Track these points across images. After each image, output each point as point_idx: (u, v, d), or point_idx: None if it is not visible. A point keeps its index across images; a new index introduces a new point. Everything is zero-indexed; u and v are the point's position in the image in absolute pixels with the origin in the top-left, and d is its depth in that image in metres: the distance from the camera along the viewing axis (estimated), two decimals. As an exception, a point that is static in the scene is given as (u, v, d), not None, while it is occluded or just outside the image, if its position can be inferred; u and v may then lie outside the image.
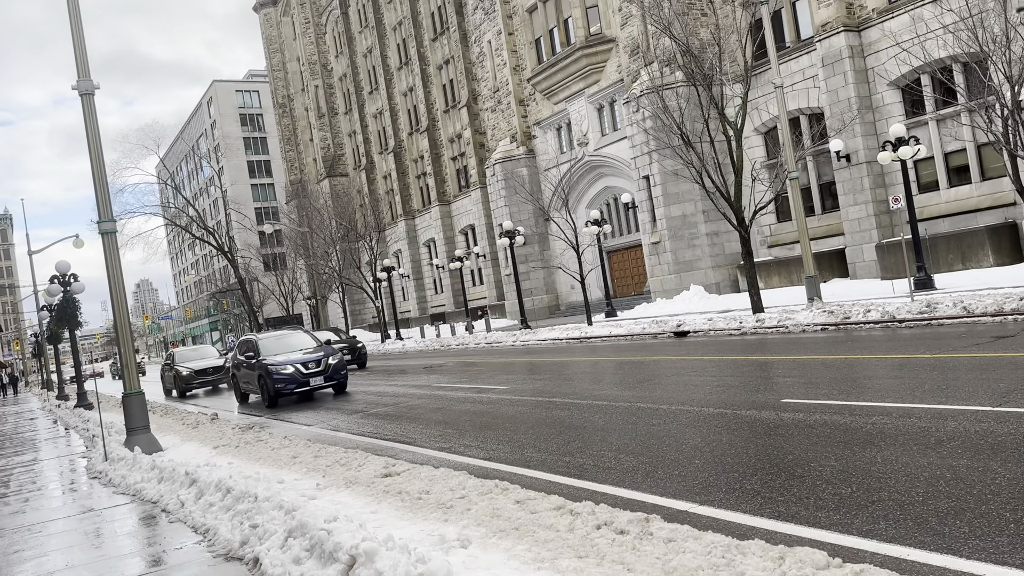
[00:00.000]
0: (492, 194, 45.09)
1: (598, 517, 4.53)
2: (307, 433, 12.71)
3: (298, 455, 8.70)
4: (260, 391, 18.27)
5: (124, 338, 11.75)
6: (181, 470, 8.42)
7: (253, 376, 18.40)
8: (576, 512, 4.67)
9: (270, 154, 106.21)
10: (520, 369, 19.05)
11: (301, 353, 18.24)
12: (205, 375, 26.52)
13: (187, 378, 26.08)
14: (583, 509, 4.69)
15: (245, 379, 19.37)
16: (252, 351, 18.75)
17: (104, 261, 11.79)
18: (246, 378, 19.23)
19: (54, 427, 20.47)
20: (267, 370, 17.60)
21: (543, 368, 18.30)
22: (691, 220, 32.60)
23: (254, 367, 18.23)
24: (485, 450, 8.84)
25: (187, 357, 28.22)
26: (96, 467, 11.04)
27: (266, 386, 17.70)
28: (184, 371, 26.35)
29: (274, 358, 17.99)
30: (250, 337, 20.07)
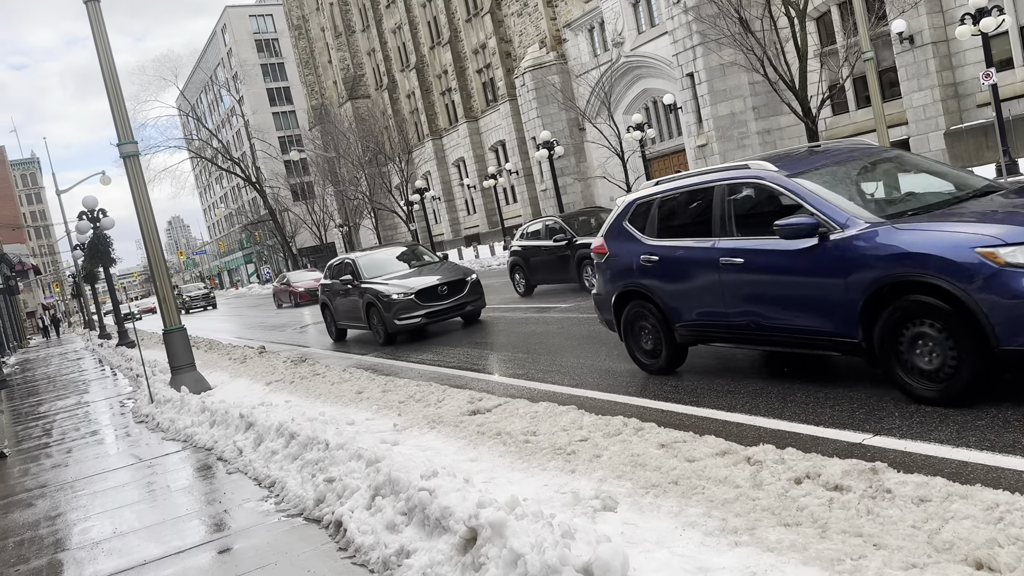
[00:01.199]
0: (523, 106, 43.12)
1: (792, 466, 3.42)
2: (361, 363, 11.80)
3: (363, 390, 7.72)
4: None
5: (159, 270, 10.78)
6: (235, 412, 7.49)
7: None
8: (756, 459, 3.57)
9: (289, 80, 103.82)
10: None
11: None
12: None
13: None
14: (764, 455, 3.58)
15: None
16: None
17: (129, 188, 10.72)
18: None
19: (97, 367, 19.97)
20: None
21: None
22: (740, 118, 30.62)
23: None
24: (570, 376, 7.77)
25: None
26: (142, 410, 10.25)
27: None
28: None
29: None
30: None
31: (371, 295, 13.44)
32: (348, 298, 14.40)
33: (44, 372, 22.01)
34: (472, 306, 13.72)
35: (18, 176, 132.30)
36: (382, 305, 13.09)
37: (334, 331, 15.69)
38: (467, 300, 13.53)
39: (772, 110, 30.89)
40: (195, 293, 51.28)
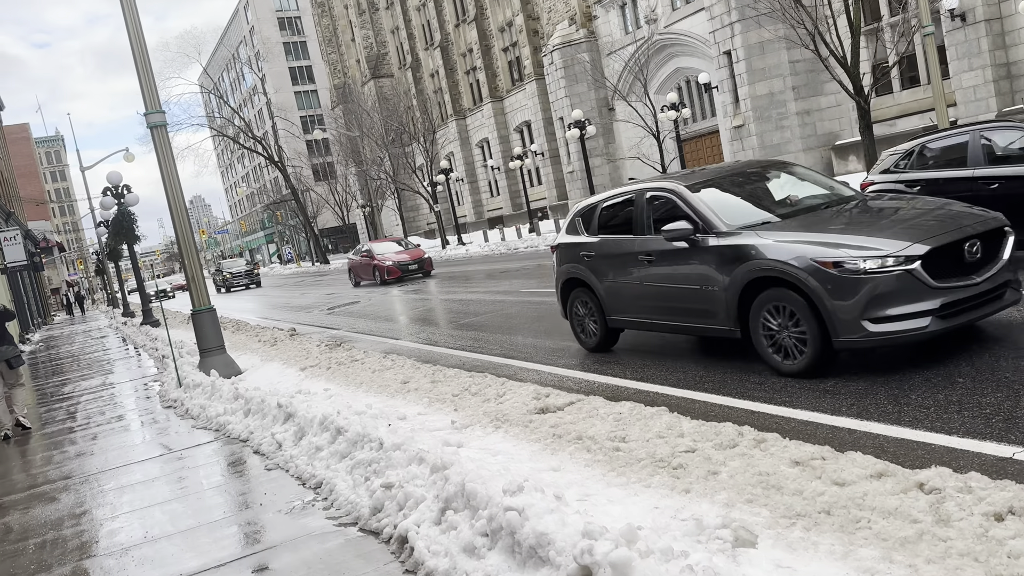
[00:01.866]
0: (551, 84, 42.21)
1: (984, 497, 2.75)
2: (399, 348, 11.23)
3: (409, 379, 7.12)
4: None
5: (187, 247, 10.22)
6: (272, 401, 6.93)
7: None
8: (932, 486, 2.90)
9: (311, 59, 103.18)
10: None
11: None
12: None
13: None
14: (942, 481, 2.91)
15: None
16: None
17: (156, 160, 10.15)
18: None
19: (122, 346, 19.60)
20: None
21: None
22: (779, 99, 29.63)
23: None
24: (633, 369, 7.12)
25: None
26: (170, 395, 9.73)
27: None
28: None
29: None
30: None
31: (765, 266, 5.69)
32: (667, 269, 6.60)
33: (68, 350, 21.70)
34: None
35: (43, 154, 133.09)
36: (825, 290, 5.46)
37: (595, 331, 7.87)
38: None
39: (813, 90, 29.89)
40: (237, 269, 46.18)
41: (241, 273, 45.69)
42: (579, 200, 42.70)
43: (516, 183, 55.79)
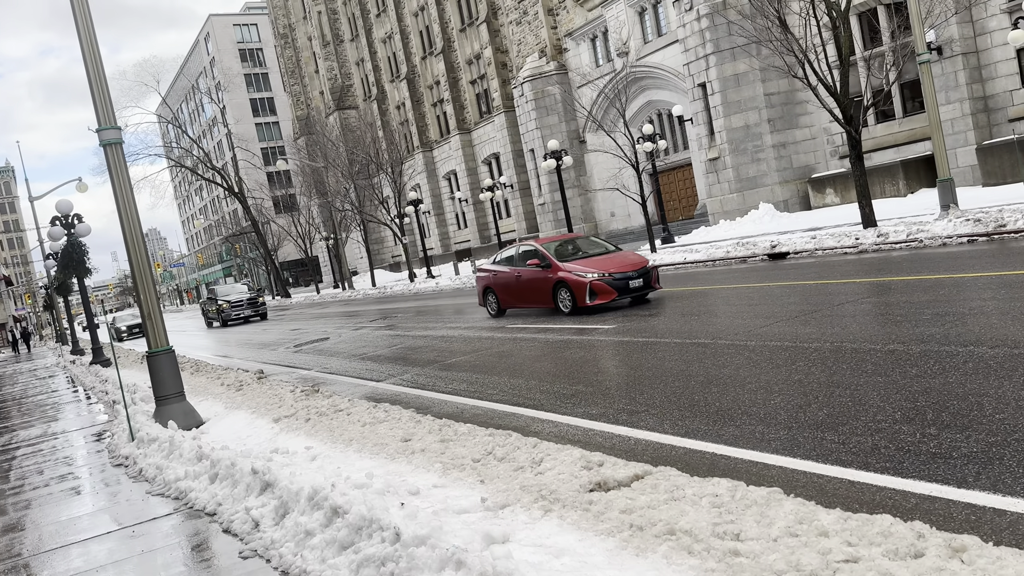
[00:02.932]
0: (521, 116, 41.67)
1: None
2: (381, 392, 10.08)
3: (412, 436, 5.99)
4: None
5: (143, 278, 8.99)
6: (244, 465, 5.75)
7: None
8: None
9: (273, 91, 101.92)
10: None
11: None
12: None
13: None
14: None
15: None
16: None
17: (111, 181, 8.96)
18: None
19: (69, 388, 18.01)
20: None
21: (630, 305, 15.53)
22: (755, 131, 29.33)
23: None
24: (673, 423, 6.13)
25: None
26: (121, 450, 8.43)
27: None
28: None
29: None
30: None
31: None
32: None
33: (9, 392, 19.97)
34: None
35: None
36: None
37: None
38: None
39: (788, 123, 29.69)
40: (236, 297, 34.98)
41: (242, 302, 34.83)
42: (550, 232, 41.99)
43: (484, 215, 54.98)
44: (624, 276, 13.89)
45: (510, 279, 15.83)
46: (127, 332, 40.61)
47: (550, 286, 14.58)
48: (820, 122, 29.70)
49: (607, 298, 13.74)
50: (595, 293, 13.71)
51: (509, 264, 16.07)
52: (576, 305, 14.00)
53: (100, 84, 9.02)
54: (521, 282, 15.46)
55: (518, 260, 15.79)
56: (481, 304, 17.27)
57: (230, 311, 34.76)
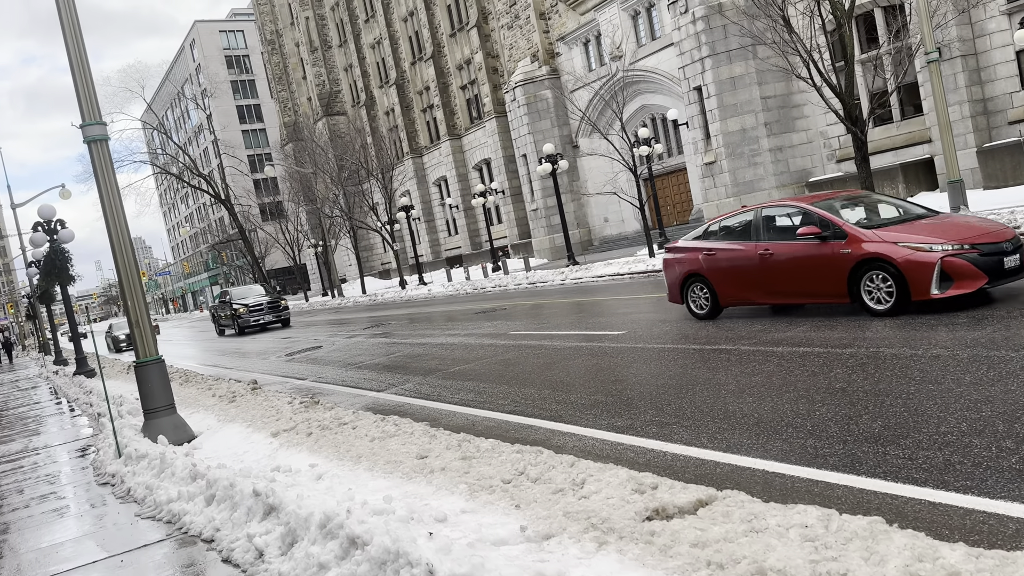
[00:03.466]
0: (513, 121, 41.25)
1: None
2: (383, 403, 9.56)
3: (428, 453, 5.47)
4: None
5: (131, 283, 8.43)
6: (245, 487, 5.21)
7: None
8: None
9: (259, 98, 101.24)
10: (604, 311, 15.87)
11: None
12: None
13: None
14: None
15: None
16: None
17: (96, 181, 8.41)
18: None
19: (51, 400, 17.33)
20: None
21: (638, 309, 15.08)
22: (752, 135, 29.02)
23: None
24: (711, 436, 5.66)
25: None
26: (107, 467, 7.86)
27: None
28: None
29: None
30: None
31: None
32: None
33: (-12, 404, 19.24)
34: None
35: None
36: None
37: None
38: None
39: (785, 126, 29.39)
40: (254, 301, 30.31)
41: (261, 306, 29.83)
42: (543, 238, 41.59)
43: (475, 222, 54.49)
44: (995, 249, 8.57)
45: (745, 259, 10.40)
46: (126, 342, 34.57)
47: (846, 268, 9.05)
48: (817, 126, 29.46)
49: (970, 286, 8.39)
50: (949, 278, 8.40)
51: (741, 237, 10.63)
52: (905, 299, 8.65)
53: (84, 77, 8.48)
54: (774, 263, 9.95)
55: (764, 229, 10.33)
56: (677, 299, 11.90)
57: (248, 317, 29.63)
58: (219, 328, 33.29)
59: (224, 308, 31.91)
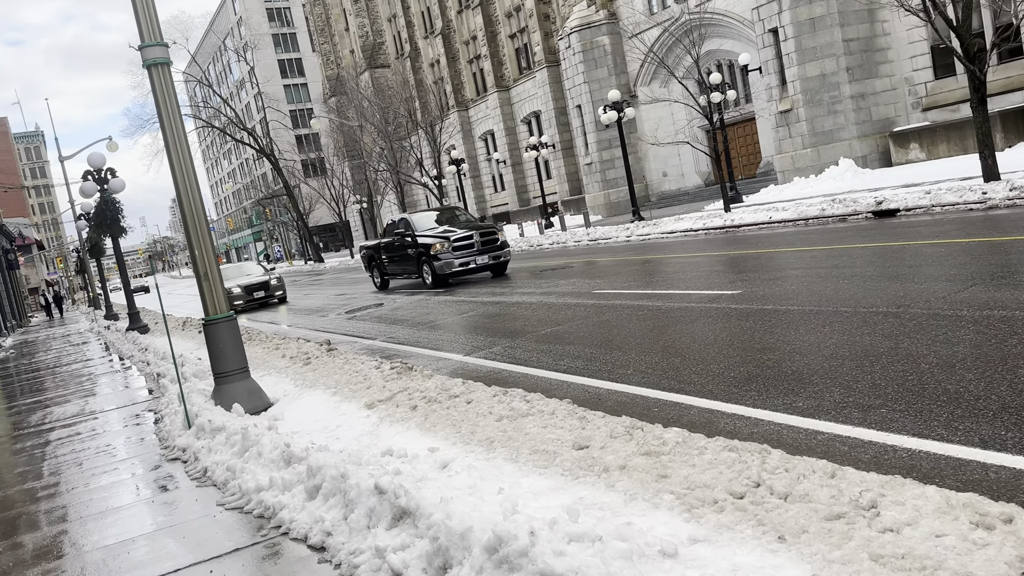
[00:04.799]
0: (567, 70, 39.44)
1: None
2: (472, 368, 8.46)
3: (586, 441, 4.27)
4: None
5: (198, 228, 7.33)
6: (362, 478, 4.09)
7: None
8: None
9: (301, 51, 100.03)
10: (696, 269, 14.51)
11: None
12: None
13: None
14: None
15: None
16: None
17: (157, 111, 7.28)
18: None
19: (105, 357, 16.61)
20: None
21: (737, 266, 13.68)
22: (832, 80, 27.00)
23: None
24: (948, 424, 4.39)
25: None
26: (176, 439, 6.86)
27: None
28: None
29: None
30: None
31: None
32: None
33: (43, 360, 18.68)
34: None
35: (22, 150, 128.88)
36: None
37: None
38: None
39: (868, 72, 27.30)
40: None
41: (471, 242, 18.56)
42: (597, 194, 40.00)
43: (523, 177, 53.00)
44: None
45: None
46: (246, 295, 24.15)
47: None
48: (902, 71, 27.34)
49: None
50: None
51: None
52: None
53: (141, -10, 7.29)
54: None
55: None
56: None
57: (452, 259, 18.15)
58: (382, 278, 20.95)
59: (396, 248, 19.74)
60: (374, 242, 21.14)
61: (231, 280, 23.54)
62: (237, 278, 24.50)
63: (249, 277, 24.77)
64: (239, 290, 23.40)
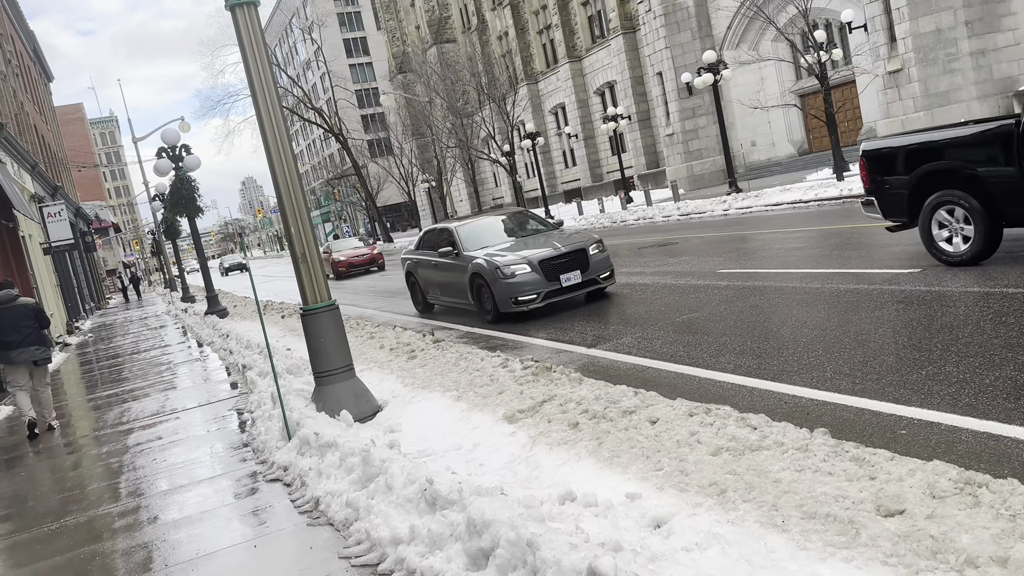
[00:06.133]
0: (647, 35, 37.38)
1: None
2: (600, 362, 7.13)
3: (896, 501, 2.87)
4: None
5: (293, 200, 6.11)
6: (563, 554, 2.77)
7: None
8: None
9: (365, 30, 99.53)
10: (828, 243, 12.80)
11: None
12: None
13: None
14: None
15: None
16: None
17: (243, 57, 6.07)
18: None
19: (184, 344, 15.83)
20: None
21: (880, 241, 11.92)
22: (948, 36, 24.47)
23: None
24: None
25: None
26: (274, 454, 5.71)
27: None
28: None
29: None
30: None
31: None
32: None
33: (120, 345, 18.11)
34: None
35: (97, 135, 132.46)
36: None
37: None
38: None
39: (989, 25, 24.65)
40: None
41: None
42: (679, 166, 38.00)
43: (596, 152, 51.17)
44: None
45: None
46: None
47: None
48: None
49: None
50: None
51: None
52: None
53: (222, -87, 6.05)
54: None
55: None
56: None
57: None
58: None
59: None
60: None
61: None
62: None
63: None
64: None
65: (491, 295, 10.55)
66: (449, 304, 12.50)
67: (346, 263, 27.14)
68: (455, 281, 11.56)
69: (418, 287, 13.39)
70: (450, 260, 11.56)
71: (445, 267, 11.84)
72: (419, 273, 13.14)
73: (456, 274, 11.45)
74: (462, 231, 11.91)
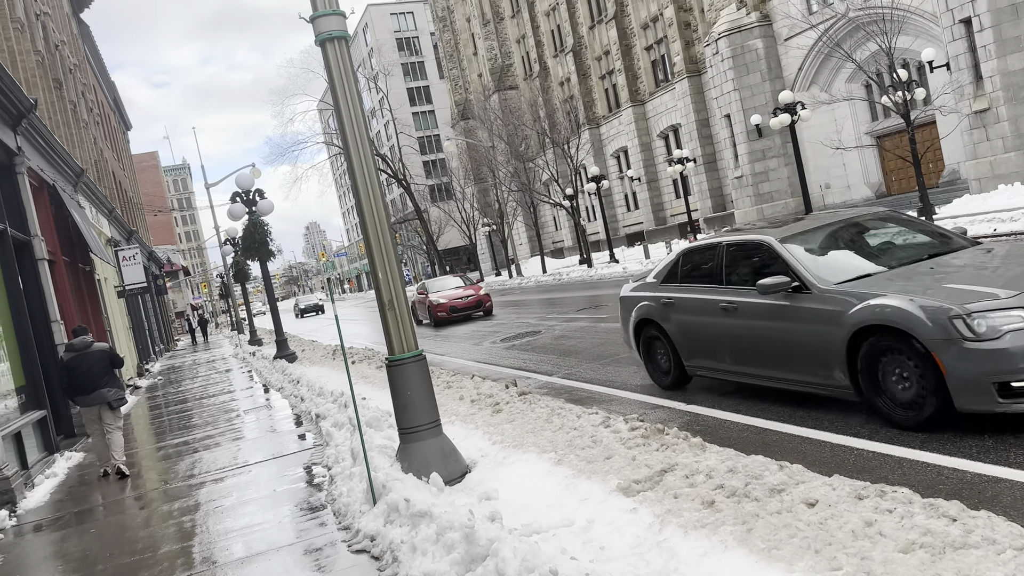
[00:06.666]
0: (715, 78, 36.89)
1: None
2: (707, 421, 6.41)
3: None
4: None
5: (379, 235, 5.69)
6: None
7: None
8: None
9: (428, 79, 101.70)
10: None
11: None
12: None
13: None
14: None
15: None
16: None
17: (332, 91, 5.75)
18: None
19: (251, 387, 15.63)
20: None
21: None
22: (1041, 73, 23.33)
23: None
24: None
25: None
26: (356, 519, 5.20)
27: None
28: None
29: None
30: None
31: None
32: None
33: (189, 389, 18.05)
34: None
35: (170, 182, 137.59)
36: None
37: None
38: None
39: (1085, 60, 23.45)
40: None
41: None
42: (748, 209, 37.09)
43: (659, 195, 50.54)
44: None
45: None
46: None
47: None
48: None
49: None
50: None
51: None
52: None
53: (313, -56, 5.79)
54: None
55: None
56: None
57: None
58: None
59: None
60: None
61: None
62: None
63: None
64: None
65: (931, 373, 5.11)
66: (754, 380, 6.96)
67: (447, 307, 23.22)
68: (790, 340, 6.24)
69: (665, 345, 7.94)
70: (778, 302, 6.30)
71: (760, 313, 6.53)
72: (676, 322, 7.71)
73: (796, 328, 6.16)
74: (804, 249, 6.53)
